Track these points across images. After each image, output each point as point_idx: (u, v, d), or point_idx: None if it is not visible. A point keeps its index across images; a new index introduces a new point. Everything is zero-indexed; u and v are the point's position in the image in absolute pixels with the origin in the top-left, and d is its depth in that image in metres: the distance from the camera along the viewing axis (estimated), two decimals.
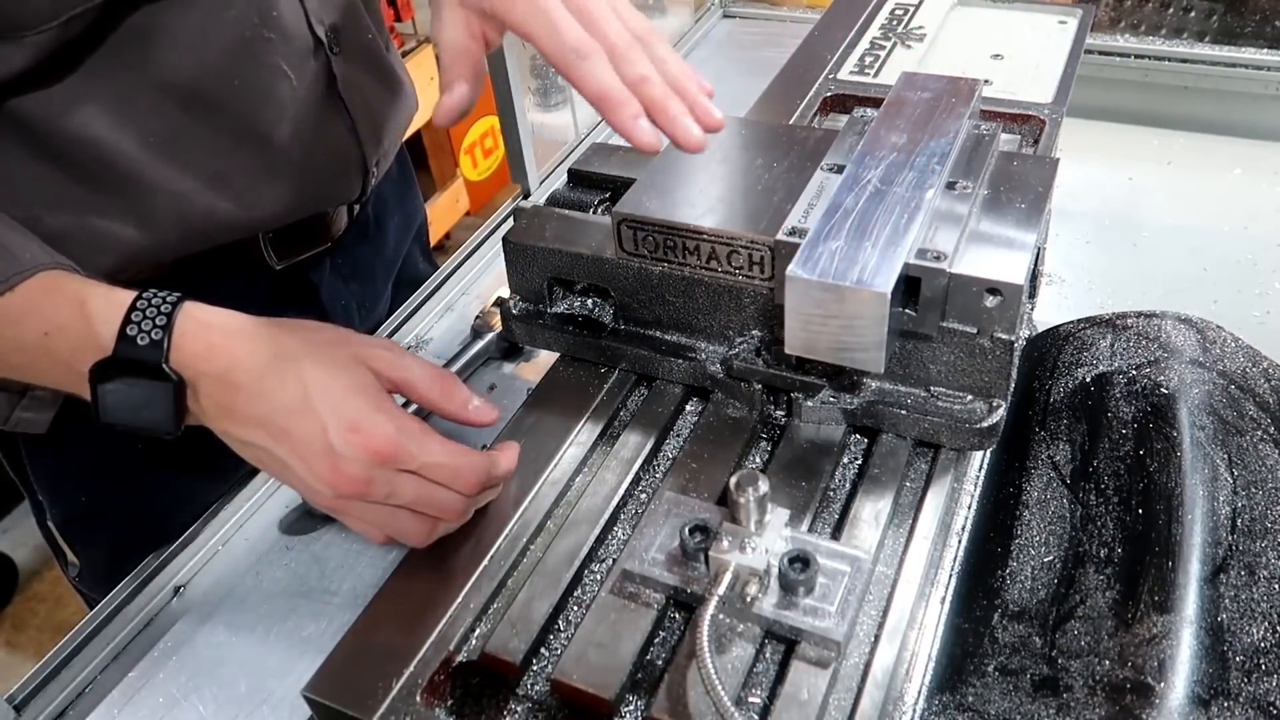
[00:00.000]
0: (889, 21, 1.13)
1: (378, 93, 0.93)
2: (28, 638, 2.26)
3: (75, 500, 0.93)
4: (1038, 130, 0.93)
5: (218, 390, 0.62)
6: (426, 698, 0.59)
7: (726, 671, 0.57)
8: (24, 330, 0.63)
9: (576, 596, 0.65)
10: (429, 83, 2.86)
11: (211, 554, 0.85)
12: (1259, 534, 0.63)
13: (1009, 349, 0.66)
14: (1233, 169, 1.20)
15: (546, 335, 0.81)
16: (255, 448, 0.63)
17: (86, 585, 0.99)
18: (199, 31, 0.75)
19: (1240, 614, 0.59)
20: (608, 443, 0.75)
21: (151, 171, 0.77)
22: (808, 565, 0.58)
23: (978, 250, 0.66)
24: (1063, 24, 1.09)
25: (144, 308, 0.62)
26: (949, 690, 0.61)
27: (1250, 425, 0.70)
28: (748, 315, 0.74)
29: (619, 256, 0.76)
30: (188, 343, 0.61)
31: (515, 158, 1.25)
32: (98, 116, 0.74)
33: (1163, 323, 0.79)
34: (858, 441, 0.74)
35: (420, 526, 0.65)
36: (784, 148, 0.79)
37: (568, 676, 0.58)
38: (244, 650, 0.76)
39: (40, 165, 0.74)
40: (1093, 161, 1.20)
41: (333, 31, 0.85)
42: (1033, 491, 0.71)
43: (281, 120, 0.82)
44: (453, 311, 1.11)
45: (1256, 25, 1.31)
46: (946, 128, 0.73)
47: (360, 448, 0.60)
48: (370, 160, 0.91)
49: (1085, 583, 0.63)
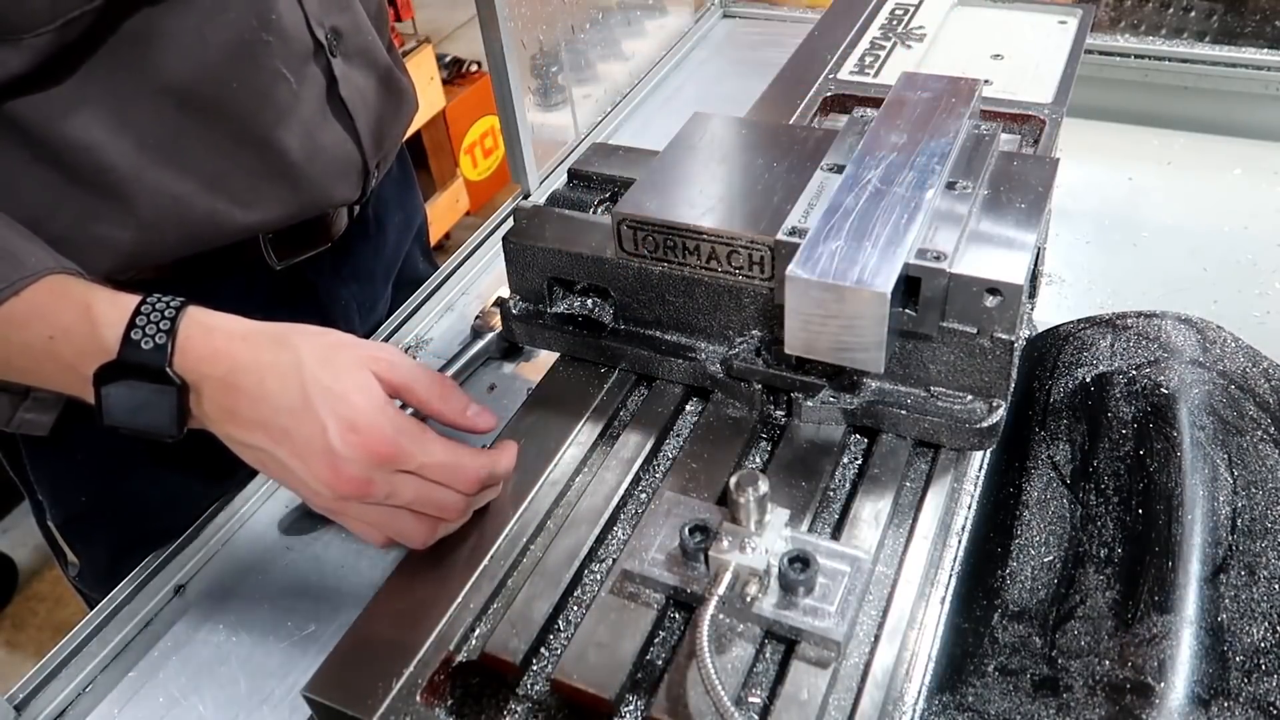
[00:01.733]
0: (889, 21, 1.13)
1: (379, 95, 0.93)
2: (28, 638, 2.26)
3: (75, 500, 0.93)
4: (1038, 130, 0.93)
5: (220, 393, 0.62)
6: (426, 697, 0.59)
7: (726, 671, 0.57)
8: (29, 334, 0.63)
9: (576, 596, 0.65)
10: (429, 83, 2.86)
11: (211, 554, 0.85)
12: (1259, 534, 0.63)
13: (1009, 349, 0.66)
14: (1233, 169, 1.20)
15: (546, 335, 0.81)
16: (256, 450, 0.63)
17: (86, 585, 0.99)
18: (197, 34, 0.75)
19: (1240, 614, 0.59)
20: (608, 443, 0.75)
21: (150, 174, 0.77)
22: (808, 565, 0.58)
23: (978, 250, 0.66)
24: (1063, 24, 1.09)
25: (148, 312, 0.62)
26: (949, 690, 0.61)
27: (1250, 425, 0.70)
28: (748, 315, 0.74)
29: (619, 256, 0.76)
30: (192, 346, 0.62)
31: (515, 158, 1.25)
32: (96, 119, 0.74)
33: (1163, 323, 0.79)
34: (858, 441, 0.74)
35: (420, 527, 0.65)
36: (784, 148, 0.79)
37: (568, 676, 0.58)
38: (244, 650, 0.76)
39: (39, 168, 0.74)
40: (1093, 161, 1.20)
41: (333, 34, 0.85)
42: (1033, 491, 0.71)
43: (281, 123, 0.82)
44: (453, 311, 1.11)
45: (1256, 25, 1.30)
46: (946, 128, 0.73)
47: (360, 448, 0.60)
48: (371, 163, 0.92)
49: (1085, 583, 0.63)
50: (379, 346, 0.66)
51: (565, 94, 1.42)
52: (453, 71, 3.13)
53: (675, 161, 0.78)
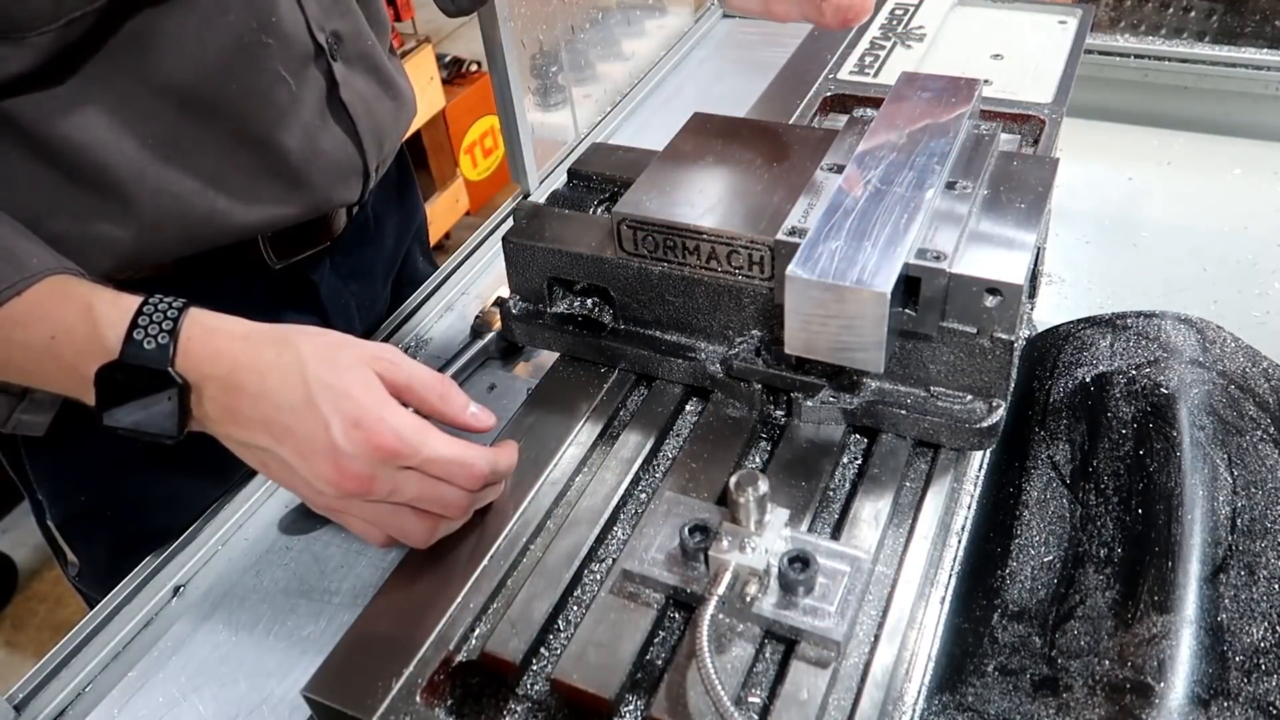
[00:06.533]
0: (889, 21, 1.13)
1: (378, 98, 0.93)
2: (28, 638, 2.26)
3: (74, 500, 0.93)
4: (1038, 130, 0.93)
5: (222, 394, 0.62)
6: (426, 697, 0.59)
7: (726, 671, 0.57)
8: (31, 334, 0.63)
9: (576, 596, 0.65)
10: (429, 83, 2.86)
11: (211, 554, 0.85)
12: (1259, 534, 0.63)
13: (1009, 349, 0.66)
14: (1233, 169, 1.20)
15: (546, 335, 0.81)
16: (258, 450, 0.63)
17: (86, 585, 0.99)
18: (197, 35, 0.75)
19: (1240, 614, 0.59)
20: (607, 442, 0.75)
21: (150, 174, 0.77)
22: (807, 565, 0.58)
23: (978, 250, 0.66)
24: (1063, 24, 1.09)
25: (150, 312, 0.62)
26: (949, 690, 0.61)
27: (1250, 425, 0.70)
28: (748, 315, 0.74)
29: (619, 256, 0.76)
30: (193, 347, 0.62)
31: (515, 158, 1.25)
32: (97, 120, 0.74)
33: (1163, 323, 0.78)
34: (857, 441, 0.74)
35: (422, 525, 0.65)
36: (784, 148, 0.79)
37: (567, 676, 0.58)
38: (244, 650, 0.76)
39: (39, 167, 0.74)
40: (1093, 161, 1.20)
41: (334, 38, 0.85)
42: (1033, 491, 0.71)
43: (281, 124, 0.82)
44: (452, 311, 1.11)
45: (1256, 25, 1.31)
46: (946, 128, 0.73)
47: (363, 444, 0.60)
48: (370, 165, 0.92)
49: (1085, 583, 0.63)
50: (380, 346, 0.66)
51: (565, 94, 1.42)
52: (453, 71, 3.13)
53: (675, 161, 0.78)
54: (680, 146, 0.81)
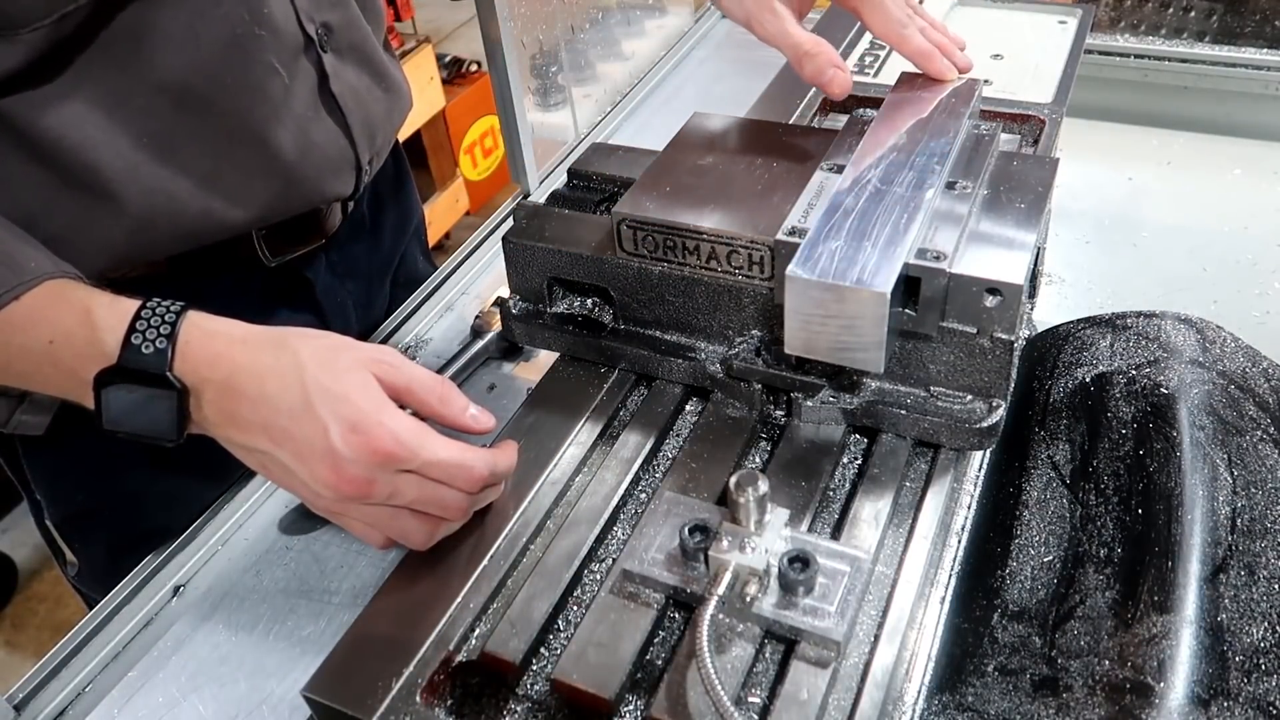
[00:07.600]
0: None
1: (371, 91, 0.93)
2: (28, 638, 2.26)
3: (73, 499, 0.93)
4: (1038, 130, 0.93)
5: (221, 397, 0.62)
6: (426, 697, 0.59)
7: (726, 671, 0.57)
8: (29, 338, 0.63)
9: (576, 596, 0.65)
10: (428, 83, 2.86)
11: (211, 554, 0.85)
12: (1259, 534, 0.63)
13: (1009, 349, 0.66)
14: (1233, 169, 1.20)
15: (546, 335, 0.81)
16: (257, 453, 0.63)
17: (86, 585, 0.99)
18: (189, 30, 0.75)
19: (1240, 614, 0.59)
20: (607, 442, 0.75)
21: (144, 171, 0.77)
22: (807, 565, 0.58)
23: (977, 250, 0.66)
24: (1063, 24, 1.09)
25: (148, 316, 0.62)
26: (949, 690, 0.61)
27: (1250, 425, 0.70)
28: (747, 315, 0.74)
29: (619, 256, 0.76)
30: (192, 351, 0.62)
31: (515, 158, 1.25)
32: (90, 116, 0.74)
33: (1163, 323, 0.78)
34: (857, 441, 0.74)
35: (422, 527, 0.65)
36: (784, 148, 0.79)
37: (567, 676, 0.58)
38: (244, 650, 0.75)
39: (31, 166, 0.74)
40: (1093, 161, 1.20)
41: (324, 29, 0.85)
42: (1033, 491, 0.71)
43: (274, 118, 0.82)
44: (452, 311, 1.11)
45: (1256, 25, 1.31)
46: (946, 128, 0.73)
47: (362, 448, 0.60)
48: (363, 158, 0.92)
49: (1085, 583, 0.63)
50: (379, 349, 0.66)
51: (565, 94, 1.42)
52: (453, 71, 3.13)
53: (675, 161, 0.78)
54: (680, 146, 0.81)
